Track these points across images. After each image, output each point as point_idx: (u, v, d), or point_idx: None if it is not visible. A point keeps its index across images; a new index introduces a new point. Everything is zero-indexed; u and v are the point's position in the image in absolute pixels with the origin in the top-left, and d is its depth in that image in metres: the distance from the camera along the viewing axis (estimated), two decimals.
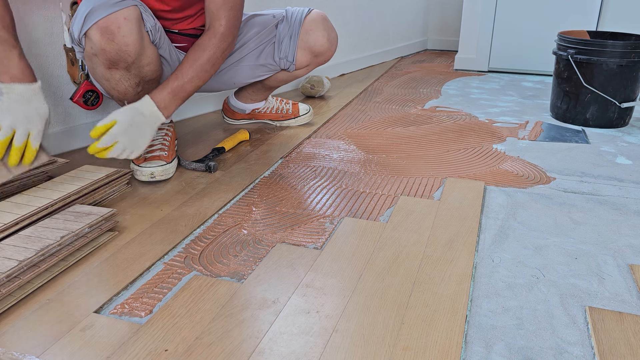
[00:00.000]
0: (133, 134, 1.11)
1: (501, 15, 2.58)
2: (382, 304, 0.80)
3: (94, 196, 1.12)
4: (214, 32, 1.21)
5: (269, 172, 1.34)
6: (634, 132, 1.69)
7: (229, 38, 1.23)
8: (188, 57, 1.19)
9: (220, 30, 1.21)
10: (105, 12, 1.07)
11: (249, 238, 1.01)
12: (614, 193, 1.21)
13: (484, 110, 1.94)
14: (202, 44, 1.20)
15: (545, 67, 2.55)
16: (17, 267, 0.80)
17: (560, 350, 0.71)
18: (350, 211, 1.12)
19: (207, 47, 1.20)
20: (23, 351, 0.70)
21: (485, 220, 1.08)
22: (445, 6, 3.32)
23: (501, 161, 1.42)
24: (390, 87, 2.34)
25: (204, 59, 1.19)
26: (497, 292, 0.84)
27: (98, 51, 1.11)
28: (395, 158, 1.44)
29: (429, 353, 0.70)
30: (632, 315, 0.78)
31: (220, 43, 1.21)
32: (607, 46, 1.65)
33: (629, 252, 0.96)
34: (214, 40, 1.20)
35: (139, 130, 1.13)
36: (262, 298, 0.82)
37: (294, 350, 0.70)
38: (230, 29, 1.23)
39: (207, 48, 1.20)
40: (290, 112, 1.70)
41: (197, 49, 1.20)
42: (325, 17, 1.50)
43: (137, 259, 0.92)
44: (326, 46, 1.49)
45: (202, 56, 1.19)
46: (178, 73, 1.18)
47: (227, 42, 1.23)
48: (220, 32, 1.21)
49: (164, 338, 0.73)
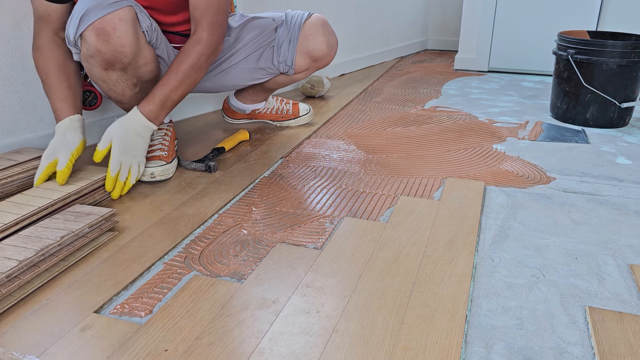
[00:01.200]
0: (131, 150, 1.16)
1: (501, 15, 2.58)
2: (382, 304, 0.80)
3: (94, 196, 1.12)
4: (198, 39, 1.20)
5: (269, 172, 1.34)
6: (634, 132, 1.69)
7: (213, 44, 1.22)
8: (172, 64, 1.19)
9: (204, 37, 1.20)
10: (100, 13, 1.07)
11: (249, 238, 1.01)
12: (614, 193, 1.21)
13: (484, 110, 1.94)
14: (186, 51, 1.19)
15: (545, 67, 2.55)
16: (17, 267, 0.80)
17: (560, 350, 0.71)
18: (350, 211, 1.12)
19: (191, 54, 1.19)
20: (23, 351, 0.70)
21: (485, 220, 1.08)
22: (445, 6, 3.32)
23: (501, 161, 1.42)
24: (390, 87, 2.34)
25: (187, 66, 1.18)
26: (497, 292, 0.84)
27: (94, 52, 1.11)
28: (395, 158, 1.44)
29: (429, 353, 0.70)
30: (632, 315, 0.78)
31: (204, 49, 1.20)
32: (607, 46, 1.65)
33: (629, 252, 0.96)
34: (198, 48, 1.19)
35: (135, 145, 1.17)
36: (262, 298, 0.82)
37: (294, 350, 0.70)
38: (214, 34, 1.21)
39: (190, 55, 1.19)
40: (290, 113, 1.70)
41: (181, 56, 1.19)
42: (325, 21, 1.49)
43: (137, 259, 0.92)
44: (325, 51, 1.48)
45: (185, 63, 1.18)
46: (164, 82, 1.18)
47: (211, 48, 1.22)
48: (204, 39, 1.20)
49: (164, 338, 0.73)
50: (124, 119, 1.17)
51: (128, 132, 1.15)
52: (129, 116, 1.17)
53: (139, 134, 1.17)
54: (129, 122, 1.16)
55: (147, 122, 1.17)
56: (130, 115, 1.17)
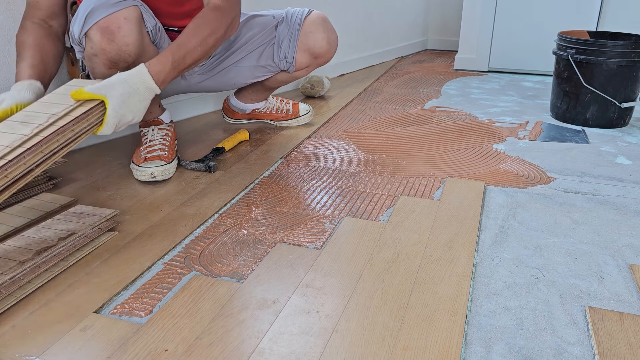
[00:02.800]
0: (128, 114, 1.02)
1: (501, 15, 2.58)
2: (382, 304, 0.80)
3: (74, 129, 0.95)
4: (215, 6, 1.15)
5: (269, 172, 1.34)
6: (634, 132, 1.69)
7: (231, 13, 1.17)
8: (189, 28, 1.11)
9: (221, 5, 1.15)
10: (105, 12, 1.07)
11: (249, 238, 1.01)
12: (614, 193, 1.21)
13: (484, 110, 1.94)
14: (205, 16, 1.12)
15: (545, 67, 2.55)
16: (20, 269, 0.80)
17: (560, 350, 0.71)
18: (350, 211, 1.12)
19: (210, 19, 1.13)
20: (23, 351, 0.70)
21: (485, 220, 1.08)
22: (445, 6, 3.32)
23: (501, 161, 1.42)
24: (390, 87, 2.34)
25: (207, 32, 1.11)
26: (497, 292, 0.84)
27: (98, 51, 1.11)
28: (395, 158, 1.44)
29: (429, 353, 0.70)
30: (632, 315, 0.78)
31: (223, 17, 1.15)
32: (607, 46, 1.65)
33: (629, 252, 0.96)
34: (217, 14, 1.14)
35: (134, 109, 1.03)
36: (262, 298, 0.82)
37: (294, 350, 0.70)
38: (231, 3, 1.17)
39: (210, 20, 1.13)
40: (290, 113, 1.70)
41: (199, 21, 1.12)
42: (325, 18, 1.49)
43: (137, 259, 0.92)
44: (326, 48, 1.48)
45: (205, 28, 1.12)
46: (180, 42, 1.09)
47: (230, 17, 1.17)
48: (222, 7, 1.15)
49: (164, 338, 0.73)
50: (126, 76, 1.02)
51: (131, 92, 1.01)
52: (134, 74, 1.03)
53: (141, 98, 1.03)
54: (133, 81, 1.02)
55: (153, 84, 1.05)
56: (135, 73, 1.03)
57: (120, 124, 1.02)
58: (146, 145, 1.30)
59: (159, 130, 1.35)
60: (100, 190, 1.21)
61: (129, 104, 1.01)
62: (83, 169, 1.33)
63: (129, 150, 1.46)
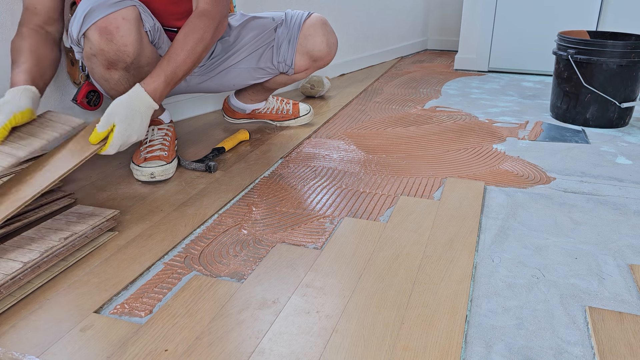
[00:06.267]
0: (134, 135, 1.07)
1: (501, 15, 2.58)
2: (382, 304, 0.80)
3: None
4: (202, 11, 1.17)
5: (269, 172, 1.34)
6: (634, 132, 1.69)
7: (218, 16, 1.19)
8: (177, 39, 1.14)
9: (207, 9, 1.17)
10: (103, 12, 1.07)
11: (249, 238, 1.01)
12: (614, 193, 1.21)
13: (484, 110, 1.94)
14: (191, 24, 1.15)
15: (545, 67, 2.55)
16: (21, 269, 0.81)
17: (560, 350, 0.71)
18: (350, 211, 1.12)
19: (196, 27, 1.15)
20: (23, 351, 0.70)
21: (485, 220, 1.08)
22: (445, 6, 3.32)
23: (501, 161, 1.42)
24: (390, 87, 2.34)
25: (194, 41, 1.14)
26: (497, 292, 0.84)
27: (97, 51, 1.11)
28: (395, 158, 1.44)
29: (429, 353, 0.70)
30: (632, 315, 0.78)
31: (210, 22, 1.17)
32: (607, 46, 1.65)
33: (629, 252, 0.96)
34: (204, 20, 1.16)
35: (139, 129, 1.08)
36: (262, 298, 0.82)
37: (294, 350, 0.70)
38: (217, 6, 1.19)
39: (196, 28, 1.15)
40: (290, 113, 1.70)
41: (186, 30, 1.15)
42: (325, 21, 1.49)
43: (137, 259, 0.92)
44: (325, 51, 1.48)
45: (192, 38, 1.14)
46: (169, 57, 1.12)
47: (217, 21, 1.18)
48: (208, 11, 1.17)
49: (164, 338, 0.73)
50: (127, 99, 1.07)
51: (134, 114, 1.06)
52: (133, 96, 1.08)
53: (143, 117, 1.08)
54: (134, 103, 1.07)
55: (151, 102, 1.09)
56: (134, 95, 1.08)
57: (124, 145, 1.06)
58: (146, 145, 1.30)
59: (159, 130, 1.35)
60: (100, 190, 1.21)
61: (133, 125, 1.06)
62: (83, 169, 1.33)
63: (129, 150, 1.46)
